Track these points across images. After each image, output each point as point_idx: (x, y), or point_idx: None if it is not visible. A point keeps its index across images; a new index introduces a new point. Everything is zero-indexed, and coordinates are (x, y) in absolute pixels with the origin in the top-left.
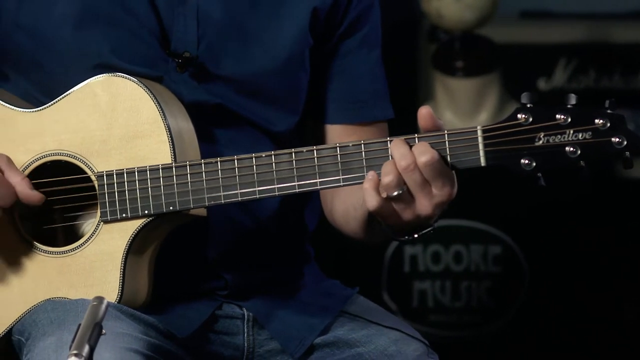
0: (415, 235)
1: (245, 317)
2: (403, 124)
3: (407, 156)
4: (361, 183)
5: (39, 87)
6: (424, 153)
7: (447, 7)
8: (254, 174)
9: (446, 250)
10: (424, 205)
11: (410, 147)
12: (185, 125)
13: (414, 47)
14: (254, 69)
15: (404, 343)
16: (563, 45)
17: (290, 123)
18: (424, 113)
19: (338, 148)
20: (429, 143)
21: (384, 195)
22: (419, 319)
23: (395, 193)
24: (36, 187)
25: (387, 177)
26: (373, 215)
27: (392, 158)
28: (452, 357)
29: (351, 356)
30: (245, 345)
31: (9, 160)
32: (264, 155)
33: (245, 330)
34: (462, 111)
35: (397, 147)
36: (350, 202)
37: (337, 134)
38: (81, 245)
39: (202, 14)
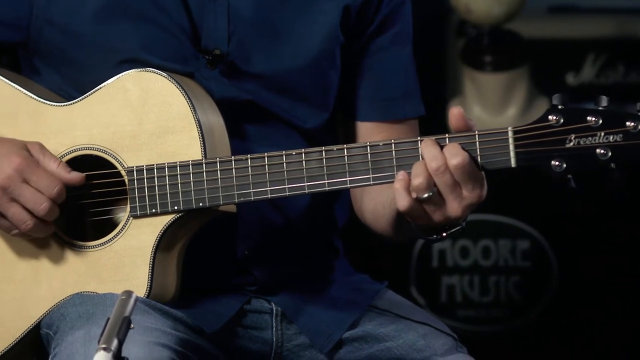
0: (444, 234)
1: (274, 311)
2: (431, 119)
3: (438, 158)
4: (391, 182)
5: (69, 81)
6: (455, 155)
7: (476, 2)
8: (284, 171)
9: (474, 245)
10: (453, 207)
11: (442, 147)
12: (215, 121)
13: (443, 42)
14: (284, 66)
15: (432, 337)
16: (591, 40)
17: (320, 120)
18: (455, 113)
19: (368, 147)
20: (460, 144)
21: (414, 196)
22: (447, 314)
23: (426, 195)
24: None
25: (418, 179)
26: (402, 215)
27: (422, 159)
28: (480, 352)
29: (380, 350)
30: (274, 339)
31: (41, 147)
32: (294, 153)
33: (274, 324)
34: (490, 106)
35: (428, 148)
36: (380, 200)
37: (368, 131)
38: (111, 239)
39: (232, 11)
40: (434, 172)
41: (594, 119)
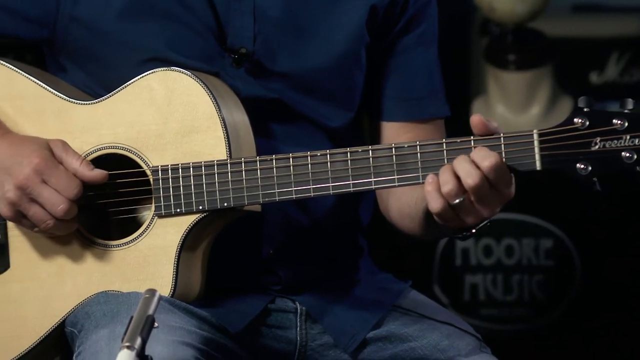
0: (473, 231)
1: (298, 311)
2: (454, 118)
3: (474, 174)
4: (416, 184)
5: (95, 78)
6: (486, 157)
7: (500, 1)
8: (309, 172)
9: (498, 244)
10: (485, 210)
11: (471, 159)
12: (240, 119)
13: (466, 40)
14: (310, 66)
15: (456, 337)
16: (615, 38)
17: (345, 119)
18: (476, 121)
19: (394, 148)
20: (485, 146)
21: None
22: (470, 313)
23: (457, 201)
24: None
25: (447, 186)
26: (429, 214)
27: (453, 168)
28: (503, 351)
29: (404, 350)
30: (298, 339)
31: (64, 145)
32: (319, 154)
33: (298, 324)
34: (514, 105)
35: (461, 164)
36: (405, 200)
37: (394, 131)
38: (135, 239)
39: (258, 10)
40: (472, 188)
41: (619, 122)
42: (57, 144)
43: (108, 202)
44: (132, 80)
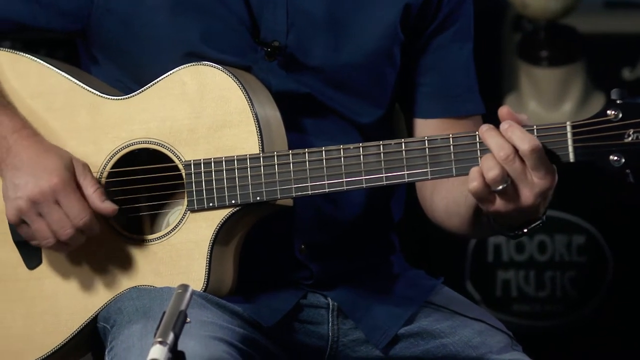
0: (525, 230)
1: (330, 306)
2: (487, 115)
3: (505, 146)
4: (449, 176)
5: (127, 72)
6: (527, 140)
7: None
8: (341, 165)
9: (530, 240)
10: (525, 194)
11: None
12: (272, 114)
13: (499, 36)
14: (342, 61)
15: (488, 334)
16: None
17: (375, 116)
18: (504, 113)
19: (426, 141)
20: None
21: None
22: (502, 309)
23: (500, 187)
24: (123, 175)
25: (492, 172)
26: (479, 211)
27: (479, 155)
28: (536, 347)
29: (435, 347)
30: (330, 334)
31: (85, 168)
32: (351, 147)
33: (330, 319)
34: (546, 101)
35: (492, 138)
36: (452, 198)
37: (432, 128)
38: (168, 233)
39: (291, 3)
40: (503, 160)
41: None
42: (79, 166)
43: (140, 197)
44: (164, 75)
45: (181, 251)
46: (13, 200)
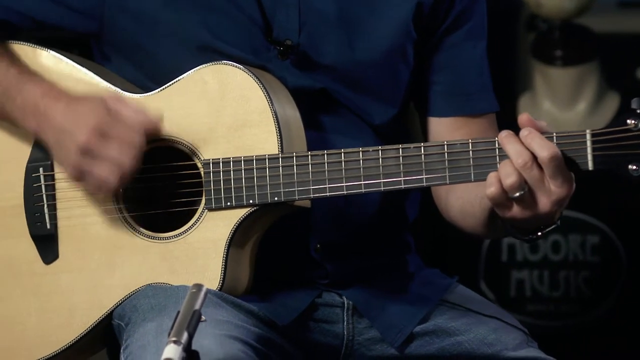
0: (539, 234)
1: (345, 305)
2: (501, 114)
3: (524, 153)
4: (467, 181)
5: (143, 69)
6: (546, 148)
7: None
8: (360, 168)
9: (544, 240)
10: (543, 201)
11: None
12: (292, 114)
13: (513, 36)
14: (354, 59)
15: (503, 332)
16: None
17: (387, 115)
18: (524, 120)
19: (446, 146)
20: None
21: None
22: (516, 309)
23: (518, 194)
24: (142, 172)
25: (510, 179)
26: (494, 214)
27: (498, 160)
28: (550, 347)
29: (451, 345)
30: (345, 333)
31: (118, 97)
32: (370, 150)
33: (345, 318)
34: (560, 101)
35: (510, 144)
36: (467, 199)
37: (446, 127)
38: (185, 231)
39: (303, 2)
40: (521, 167)
41: None
42: (112, 98)
43: (158, 194)
44: (184, 74)
45: (197, 250)
46: (67, 162)
